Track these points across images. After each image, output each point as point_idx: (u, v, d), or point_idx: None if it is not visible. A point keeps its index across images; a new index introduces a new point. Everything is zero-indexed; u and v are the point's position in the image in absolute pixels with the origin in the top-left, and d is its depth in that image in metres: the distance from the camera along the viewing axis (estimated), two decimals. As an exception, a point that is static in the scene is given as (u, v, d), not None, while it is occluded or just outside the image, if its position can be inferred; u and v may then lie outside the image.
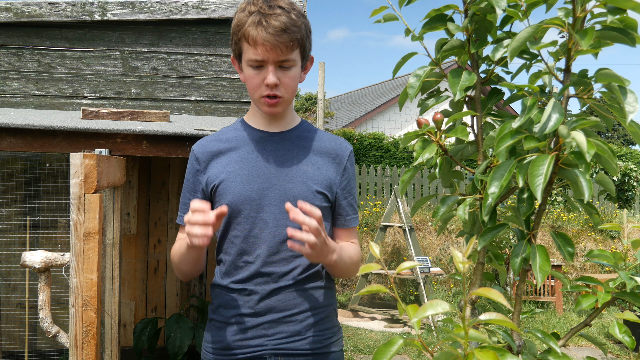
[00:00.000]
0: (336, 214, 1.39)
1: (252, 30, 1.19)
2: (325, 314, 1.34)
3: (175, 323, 3.31)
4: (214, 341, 1.31)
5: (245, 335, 1.28)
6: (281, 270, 1.28)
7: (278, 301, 1.28)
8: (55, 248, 3.29)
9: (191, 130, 2.44)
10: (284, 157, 1.32)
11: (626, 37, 0.86)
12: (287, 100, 1.29)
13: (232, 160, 1.31)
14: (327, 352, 1.33)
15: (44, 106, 3.50)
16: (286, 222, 1.28)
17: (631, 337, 0.97)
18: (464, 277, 0.74)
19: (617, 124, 19.83)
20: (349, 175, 1.40)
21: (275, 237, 1.28)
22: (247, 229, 1.28)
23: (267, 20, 1.18)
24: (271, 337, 1.28)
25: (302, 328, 1.29)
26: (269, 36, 1.18)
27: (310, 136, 1.38)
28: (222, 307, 1.32)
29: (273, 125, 1.35)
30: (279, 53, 1.20)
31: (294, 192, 1.29)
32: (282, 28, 1.18)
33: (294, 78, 1.27)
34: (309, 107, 16.66)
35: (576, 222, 7.71)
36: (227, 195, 1.28)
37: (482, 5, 0.98)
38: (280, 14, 1.19)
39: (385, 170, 8.91)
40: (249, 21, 1.20)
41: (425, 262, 5.81)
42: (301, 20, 1.23)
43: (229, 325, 1.30)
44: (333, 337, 1.35)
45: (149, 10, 3.52)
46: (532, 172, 0.83)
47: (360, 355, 4.58)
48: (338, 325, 1.39)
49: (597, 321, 5.73)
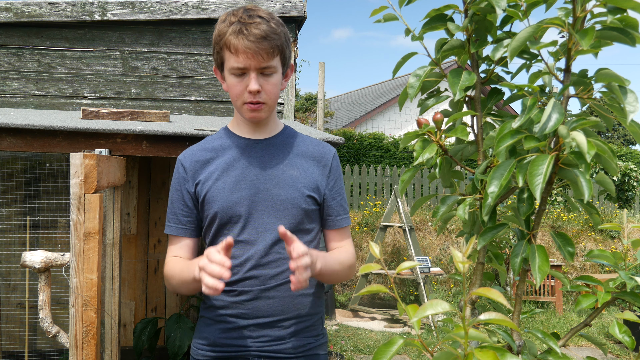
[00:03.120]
0: (326, 215, 1.41)
1: (234, 39, 1.23)
2: (311, 322, 1.37)
3: (175, 323, 3.31)
4: (202, 337, 1.36)
5: (230, 335, 1.32)
6: (269, 273, 1.31)
7: (266, 305, 1.31)
8: (55, 248, 3.29)
9: (191, 130, 2.44)
10: (270, 163, 1.35)
11: (626, 37, 0.86)
12: (270, 107, 1.32)
13: (218, 168, 1.34)
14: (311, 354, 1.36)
15: (44, 106, 3.50)
16: (275, 226, 1.31)
17: (631, 337, 0.97)
18: (464, 277, 0.74)
19: (617, 124, 19.84)
20: (336, 175, 1.42)
21: (264, 241, 1.31)
22: (236, 234, 1.31)
23: (247, 28, 1.22)
24: (255, 339, 1.31)
25: (286, 334, 1.32)
26: (250, 43, 1.22)
27: (294, 141, 1.41)
28: (213, 306, 1.36)
29: (257, 133, 1.38)
30: (260, 60, 1.24)
31: (282, 196, 1.32)
32: (262, 36, 1.23)
33: (276, 84, 1.30)
34: (309, 107, 16.66)
35: (576, 222, 7.71)
36: (216, 202, 1.31)
37: (482, 5, 0.98)
38: (260, 23, 1.24)
39: (385, 170, 8.91)
40: (229, 30, 1.24)
41: (425, 262, 5.81)
42: (280, 28, 1.28)
43: (217, 323, 1.34)
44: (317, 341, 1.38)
45: (149, 10, 3.52)
46: (532, 172, 0.83)
47: (360, 355, 4.58)
48: (324, 332, 1.42)
49: (597, 321, 5.73)
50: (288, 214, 1.32)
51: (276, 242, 1.31)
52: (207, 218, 1.33)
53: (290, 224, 1.32)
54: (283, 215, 1.32)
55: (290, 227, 1.32)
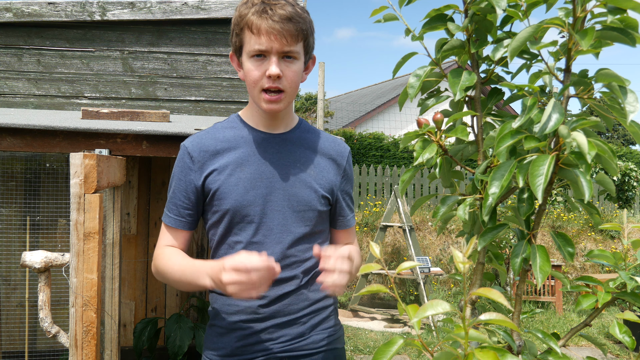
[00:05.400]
0: (337, 216, 1.38)
1: (256, 19, 1.15)
2: (326, 313, 1.34)
3: (175, 323, 3.31)
4: (218, 348, 1.28)
5: (249, 341, 1.25)
6: (286, 276, 1.26)
7: (282, 305, 1.26)
8: (55, 248, 3.29)
9: (191, 130, 2.44)
10: (287, 160, 1.28)
11: (626, 37, 0.86)
12: (289, 96, 1.23)
13: (232, 162, 1.25)
14: (331, 348, 1.33)
15: (44, 106, 3.49)
16: (291, 228, 1.25)
17: (631, 337, 0.97)
18: (464, 277, 0.74)
19: (617, 124, 19.83)
20: (348, 176, 1.40)
21: (279, 244, 1.25)
22: (250, 234, 1.24)
23: (272, 9, 1.15)
24: (276, 340, 1.26)
25: (305, 329, 1.28)
26: (274, 23, 1.14)
27: (311, 137, 1.34)
28: (223, 312, 1.29)
29: (274, 126, 1.30)
30: (283, 43, 1.16)
31: (299, 196, 1.26)
32: (287, 17, 1.15)
33: (297, 72, 1.22)
34: (309, 107, 16.66)
35: (576, 222, 7.71)
36: (228, 199, 1.23)
37: (482, 5, 0.98)
38: (285, 4, 1.17)
39: (385, 170, 8.91)
40: (252, 10, 1.16)
41: (425, 262, 5.81)
42: (306, 14, 1.21)
43: (232, 332, 1.26)
44: (335, 334, 1.35)
45: (149, 10, 3.52)
46: (533, 172, 0.83)
47: (360, 355, 4.58)
48: (339, 323, 1.39)
49: (597, 321, 5.73)
50: (304, 216, 1.27)
51: (292, 244, 1.25)
52: (216, 214, 1.25)
53: (306, 226, 1.27)
54: (299, 216, 1.26)
55: (306, 230, 1.27)
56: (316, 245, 1.13)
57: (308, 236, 1.28)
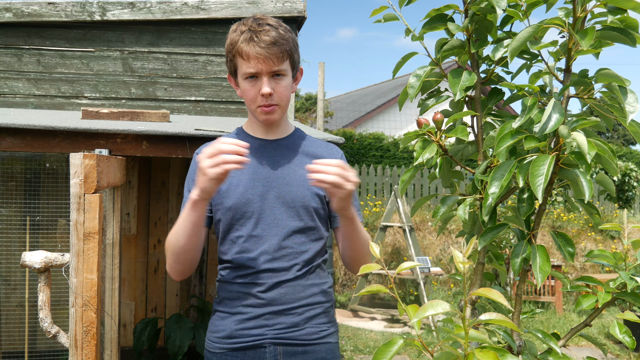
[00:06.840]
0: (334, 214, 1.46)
1: (245, 47, 1.33)
2: (323, 309, 1.43)
3: (175, 323, 3.31)
4: (217, 330, 1.41)
5: (246, 325, 1.38)
6: (283, 266, 1.38)
7: (280, 294, 1.38)
8: (55, 248, 3.28)
9: (191, 130, 2.44)
10: (281, 163, 1.44)
11: (626, 37, 0.86)
12: (282, 108, 1.41)
13: None
14: (324, 342, 1.42)
15: (44, 106, 3.49)
16: (286, 222, 1.39)
17: (631, 337, 0.97)
18: (464, 277, 0.74)
19: (617, 124, 19.81)
20: None
21: (276, 236, 1.39)
22: (250, 228, 1.39)
23: (257, 36, 1.32)
24: (271, 327, 1.37)
25: (300, 320, 1.39)
26: (261, 49, 1.31)
27: (305, 143, 1.51)
28: (227, 299, 1.42)
29: (270, 134, 1.47)
30: (271, 64, 1.33)
31: (293, 194, 1.41)
32: (272, 42, 1.32)
33: (287, 87, 1.39)
34: (309, 107, 16.65)
35: (576, 222, 7.71)
36: (229, 198, 1.39)
37: (483, 5, 0.98)
38: (270, 30, 1.33)
39: (385, 170, 8.91)
40: (241, 39, 1.34)
41: (425, 262, 5.81)
42: (288, 34, 1.37)
43: (233, 315, 1.39)
44: (329, 329, 1.44)
45: (149, 10, 3.52)
46: (533, 172, 0.83)
47: (360, 355, 4.58)
48: (334, 320, 1.49)
49: (597, 321, 5.73)
50: (298, 211, 1.40)
51: (288, 236, 1.39)
52: (219, 212, 1.41)
53: (300, 220, 1.40)
54: (293, 211, 1.40)
55: (300, 224, 1.40)
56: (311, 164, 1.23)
57: (303, 230, 1.41)
